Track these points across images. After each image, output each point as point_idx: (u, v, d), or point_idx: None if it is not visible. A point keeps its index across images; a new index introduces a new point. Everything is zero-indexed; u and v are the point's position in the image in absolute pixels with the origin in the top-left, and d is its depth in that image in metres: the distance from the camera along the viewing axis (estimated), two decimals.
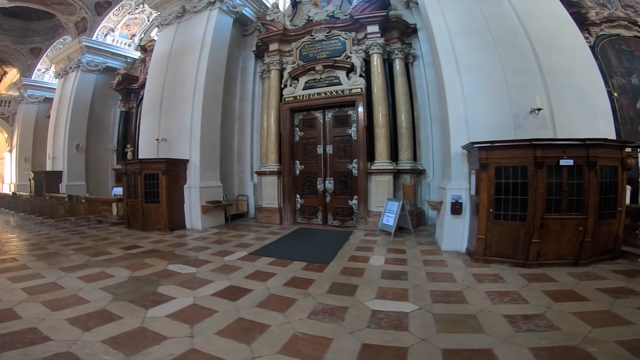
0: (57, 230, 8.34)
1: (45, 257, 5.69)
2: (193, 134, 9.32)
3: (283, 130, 10.05)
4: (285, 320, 3.32)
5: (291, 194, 10.08)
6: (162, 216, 8.50)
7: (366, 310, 3.54)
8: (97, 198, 10.81)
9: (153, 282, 4.48)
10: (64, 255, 5.91)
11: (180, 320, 3.31)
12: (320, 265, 5.29)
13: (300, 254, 6.08)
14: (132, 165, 8.68)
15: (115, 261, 5.59)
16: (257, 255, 6.01)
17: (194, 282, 4.51)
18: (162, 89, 10.20)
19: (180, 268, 5.19)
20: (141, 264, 5.46)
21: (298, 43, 9.86)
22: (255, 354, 2.70)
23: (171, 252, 6.35)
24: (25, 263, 5.26)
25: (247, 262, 5.51)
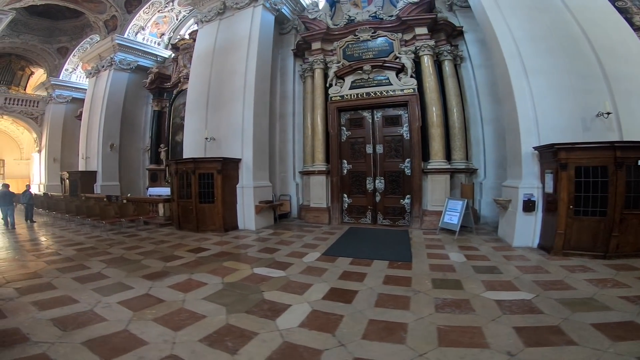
0: (107, 232, 7.90)
1: (115, 263, 5.22)
2: (245, 132, 8.87)
3: (331, 129, 9.65)
4: (416, 316, 3.25)
5: (339, 194, 9.69)
6: (217, 217, 8.06)
7: (488, 301, 3.58)
8: (140, 198, 10.44)
9: (253, 289, 4.10)
10: (134, 261, 5.43)
11: (316, 329, 3.02)
12: (404, 263, 5.15)
13: (374, 253, 5.88)
14: (184, 165, 8.26)
15: (194, 266, 5.12)
16: (332, 255, 5.72)
17: (293, 286, 4.19)
18: (207, 87, 9.77)
19: (268, 272, 4.81)
20: (223, 268, 5.02)
21: (341, 42, 9.62)
22: (418, 351, 2.62)
23: (243, 255, 5.93)
24: (99, 271, 4.79)
25: (328, 263, 5.22)
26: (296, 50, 10.89)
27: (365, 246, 6.49)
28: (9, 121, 20.59)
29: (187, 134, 10.07)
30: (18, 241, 7.20)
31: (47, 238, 7.53)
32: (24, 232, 8.57)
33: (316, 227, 8.83)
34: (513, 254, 5.53)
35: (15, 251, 6.18)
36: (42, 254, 5.85)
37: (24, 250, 6.21)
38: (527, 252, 5.65)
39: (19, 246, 6.64)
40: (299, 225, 9.33)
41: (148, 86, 14.75)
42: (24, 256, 5.76)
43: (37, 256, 5.71)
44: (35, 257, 5.67)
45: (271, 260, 5.49)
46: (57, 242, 6.99)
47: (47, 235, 7.91)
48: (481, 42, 8.52)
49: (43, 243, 6.97)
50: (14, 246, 6.67)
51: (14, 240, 7.39)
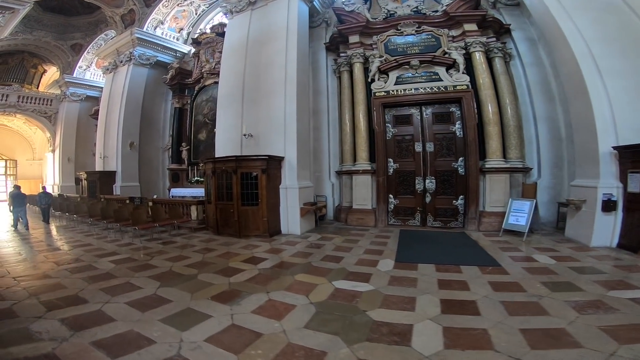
0: (139, 239, 6.96)
1: (168, 280, 4.26)
2: (287, 128, 7.91)
3: (376, 126, 8.76)
4: (566, 320, 2.98)
5: (385, 195, 8.78)
6: (262, 220, 7.09)
7: (623, 300, 3.36)
8: (169, 200, 9.47)
9: (352, 309, 3.37)
10: (189, 276, 4.47)
11: (470, 348, 2.58)
12: (494, 268, 4.71)
13: (453, 257, 5.34)
14: (223, 163, 7.29)
15: (263, 282, 4.20)
16: (408, 262, 5.07)
17: (395, 301, 3.55)
18: (242, 80, 8.82)
19: (351, 285, 4.08)
20: (298, 283, 4.14)
21: (382, 37, 8.99)
22: (606, 351, 2.44)
23: (308, 265, 5.02)
24: (154, 292, 3.83)
25: (411, 271, 4.60)
26: (329, 44, 10.20)
27: (435, 250, 5.92)
28: (21, 120, 19.64)
29: (220, 130, 9.13)
30: (41, 249, 6.24)
31: (73, 246, 6.56)
32: (45, 237, 7.62)
33: (363, 230, 8.00)
34: (599, 254, 5.20)
35: (41, 263, 5.22)
36: (74, 268, 4.86)
37: (51, 262, 5.23)
38: (610, 251, 5.35)
39: (44, 257, 5.65)
40: (342, 228, 8.46)
41: (168, 82, 13.79)
42: (55, 270, 4.78)
43: (70, 271, 4.72)
44: (69, 272, 4.68)
45: (343, 270, 4.70)
46: (87, 251, 6.01)
47: (71, 243, 6.92)
48: (530, 41, 8.26)
49: (70, 252, 5.98)
50: (38, 256, 5.71)
51: (36, 247, 6.44)
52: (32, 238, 7.51)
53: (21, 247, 6.47)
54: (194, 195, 11.59)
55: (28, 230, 8.85)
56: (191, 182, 12.63)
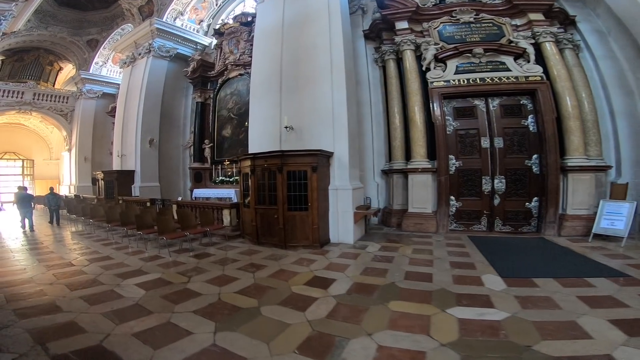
0: (168, 251, 5.68)
1: (225, 319, 3.00)
2: (336, 119, 6.60)
3: (436, 119, 7.50)
4: None
5: (447, 196, 7.45)
6: (311, 228, 5.79)
7: None
8: (197, 203, 8.22)
9: (508, 346, 2.53)
10: (249, 310, 3.21)
11: None
12: (627, 279, 3.94)
13: (566, 269, 4.46)
14: (265, 160, 6.00)
15: (352, 317, 3.02)
16: (518, 277, 4.11)
17: (557, 329, 2.72)
18: (279, 67, 7.50)
19: (476, 313, 3.12)
20: (400, 316, 3.04)
21: (435, 23, 8.10)
22: None
23: (392, 287, 3.87)
24: (212, 342, 2.56)
25: (534, 288, 3.72)
26: (368, 31, 9.14)
27: (533, 260, 5.02)
28: (37, 119, 18.72)
29: (254, 122, 7.85)
30: (50, 264, 5.00)
31: (89, 259, 5.31)
32: (56, 247, 6.41)
33: (424, 237, 6.78)
34: None
35: (50, 286, 3.99)
36: (93, 296, 3.59)
37: (62, 285, 3.99)
38: None
39: (54, 276, 4.42)
40: (398, 235, 7.21)
41: (190, 75, 12.62)
42: (67, 299, 3.52)
43: (88, 300, 3.46)
44: (85, 301, 3.42)
45: (446, 293, 3.66)
46: (106, 267, 4.75)
47: (87, 254, 5.69)
48: (599, 33, 7.45)
49: (86, 269, 4.73)
50: (46, 274, 4.49)
51: (45, 261, 5.22)
52: (41, 247, 6.33)
53: (27, 260, 5.27)
54: (220, 196, 10.38)
55: (33, 232, 8.39)
56: (215, 182, 11.41)
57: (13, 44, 17.06)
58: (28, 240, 7.18)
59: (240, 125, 11.43)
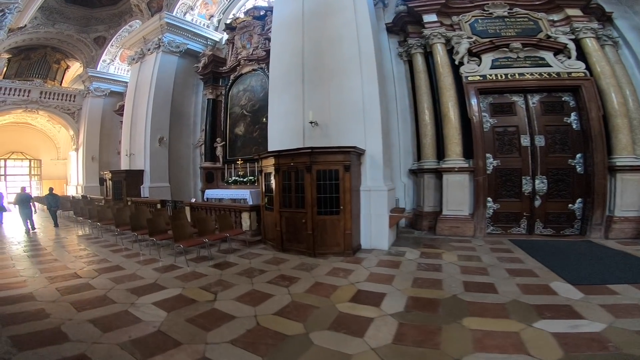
0: (186, 259, 5.05)
1: (272, 351, 2.39)
2: (367, 114, 5.95)
3: (472, 115, 6.89)
4: None
5: (485, 197, 6.80)
6: (343, 233, 5.15)
7: None
8: (210, 205, 7.59)
9: None
10: (296, 339, 2.58)
11: None
12: None
13: None
14: (292, 158, 5.33)
15: (424, 340, 2.50)
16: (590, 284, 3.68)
17: None
18: (301, 59, 6.85)
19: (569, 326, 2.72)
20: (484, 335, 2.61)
21: (467, 17, 7.65)
22: None
23: (455, 300, 3.38)
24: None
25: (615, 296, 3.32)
26: (392, 24, 8.62)
27: (594, 264, 4.51)
28: (45, 118, 18.25)
29: (274, 118, 7.22)
30: (53, 275, 4.39)
31: (97, 270, 4.68)
32: (59, 254, 5.80)
33: (462, 242, 6.23)
34: None
35: (53, 304, 3.37)
36: (104, 320, 2.97)
37: (67, 304, 3.37)
38: None
39: (57, 291, 3.80)
40: (431, 239, 6.61)
41: (201, 71, 12.03)
42: (74, 322, 2.90)
43: (99, 325, 2.84)
44: (96, 326, 2.81)
45: (521, 305, 3.20)
46: (117, 280, 4.13)
47: (94, 263, 5.06)
48: (638, 30, 7.11)
49: (94, 283, 4.09)
50: (48, 289, 3.88)
51: (47, 270, 4.62)
52: (44, 254, 5.71)
53: (28, 270, 4.66)
54: (234, 197, 9.76)
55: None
56: (228, 182, 10.80)
57: (20, 41, 16.60)
58: (30, 246, 6.58)
59: (254, 123, 10.82)
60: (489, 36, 7.31)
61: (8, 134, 18.83)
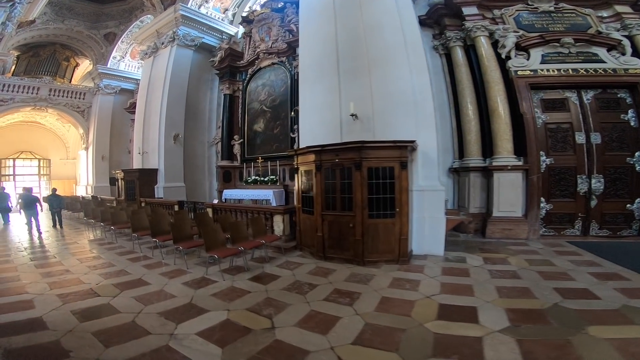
0: (220, 271, 4.29)
1: None
2: (419, 106, 5.24)
3: (525, 111, 6.31)
4: None
5: (539, 197, 6.09)
6: (398, 239, 4.44)
7: None
8: (234, 206, 6.85)
9: None
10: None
11: None
12: None
13: None
14: (336, 154, 4.62)
15: (563, 356, 1.98)
16: None
17: None
18: (335, 47, 6.10)
19: None
20: (628, 344, 2.24)
21: (509, 10, 7.28)
22: None
23: (556, 308, 2.93)
24: None
25: None
26: (426, 17, 8.04)
27: None
28: (54, 116, 17.64)
29: (305, 112, 6.49)
30: (65, 292, 3.68)
31: (116, 285, 3.95)
32: (70, 263, 5.07)
33: (519, 245, 5.68)
34: None
35: (73, 334, 2.66)
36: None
37: (87, 334, 2.67)
38: None
39: (72, 315, 3.11)
40: (483, 242, 6.00)
41: (217, 65, 11.33)
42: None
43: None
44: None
45: None
46: (142, 299, 3.42)
47: (111, 277, 4.34)
48: None
49: (115, 304, 3.36)
50: (60, 312, 3.19)
51: (56, 284, 3.94)
52: (53, 263, 4.99)
53: (35, 285, 3.91)
54: (256, 198, 9.05)
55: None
56: (247, 182, 10.09)
57: (29, 38, 16.03)
58: (37, 252, 5.88)
59: (274, 119, 10.11)
60: (535, 31, 6.91)
61: (17, 133, 18.25)
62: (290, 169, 9.57)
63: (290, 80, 9.89)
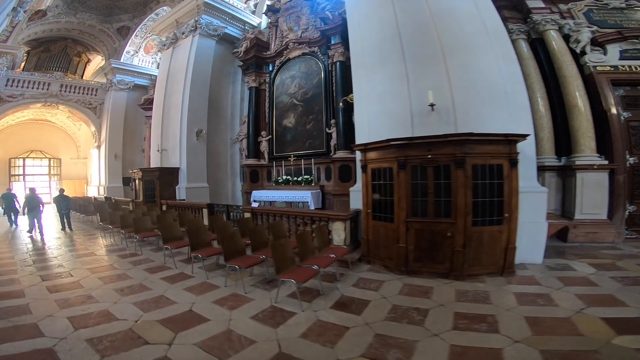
0: (300, 302, 3.30)
1: None
2: (511, 97, 4.49)
3: (609, 108, 5.66)
4: None
5: (625, 199, 5.37)
6: (506, 248, 3.64)
7: None
8: (287, 211, 5.80)
9: None
10: None
11: None
12: None
13: None
14: (428, 149, 3.71)
15: None
16: None
17: None
18: (396, 32, 5.35)
19: None
20: None
21: (578, 5, 6.90)
22: None
23: None
24: None
25: None
26: None
27: None
28: (65, 114, 16.87)
29: (362, 102, 5.58)
30: (92, 334, 2.78)
31: (170, 322, 3.02)
32: (87, 282, 4.17)
33: (611, 249, 5.05)
34: None
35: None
36: None
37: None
38: None
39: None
40: (568, 247, 5.24)
41: (242, 56, 10.43)
42: None
43: None
44: None
45: None
46: (214, 349, 2.53)
47: (151, 305, 3.46)
48: None
49: (180, 352, 2.48)
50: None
51: (77, 318, 3.06)
52: (70, 285, 4.05)
53: (54, 322, 2.94)
54: (289, 200, 8.14)
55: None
56: (277, 182, 9.17)
57: (39, 32, 15.21)
58: (48, 268, 4.91)
59: (306, 113, 9.20)
60: (609, 26, 6.58)
61: (27, 131, 17.50)
62: (326, 168, 8.65)
63: (324, 72, 8.99)
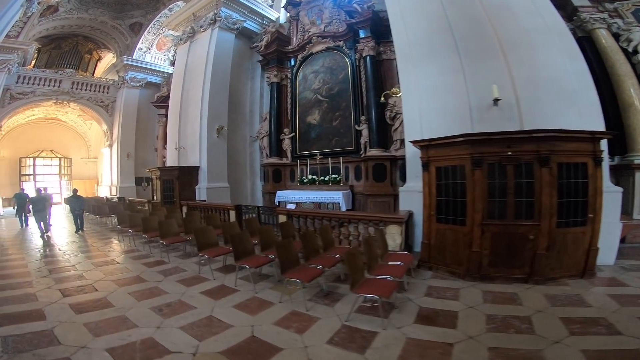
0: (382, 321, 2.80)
1: None
2: (579, 94, 4.24)
3: None
4: None
5: None
6: (588, 250, 3.40)
7: None
8: (331, 214, 5.33)
9: None
10: None
11: None
12: None
13: None
14: (507, 145, 3.30)
15: None
16: None
17: None
18: (447, 24, 5.09)
19: None
20: None
21: (625, 5, 6.81)
22: None
23: None
24: None
25: None
26: None
27: None
28: (75, 113, 16.59)
29: (410, 96, 5.20)
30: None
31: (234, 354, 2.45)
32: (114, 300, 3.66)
33: None
34: None
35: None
36: None
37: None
38: None
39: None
40: (628, 247, 4.73)
41: (263, 50, 10.07)
42: None
43: None
44: None
45: None
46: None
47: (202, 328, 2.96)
48: None
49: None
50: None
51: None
52: (97, 302, 3.52)
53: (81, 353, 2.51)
54: (318, 201, 7.78)
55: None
56: (302, 182, 8.82)
57: (51, 29, 14.92)
58: (67, 279, 4.40)
59: (332, 110, 8.83)
60: None
61: (37, 130, 17.23)
62: (355, 167, 8.28)
63: (351, 67, 8.61)
